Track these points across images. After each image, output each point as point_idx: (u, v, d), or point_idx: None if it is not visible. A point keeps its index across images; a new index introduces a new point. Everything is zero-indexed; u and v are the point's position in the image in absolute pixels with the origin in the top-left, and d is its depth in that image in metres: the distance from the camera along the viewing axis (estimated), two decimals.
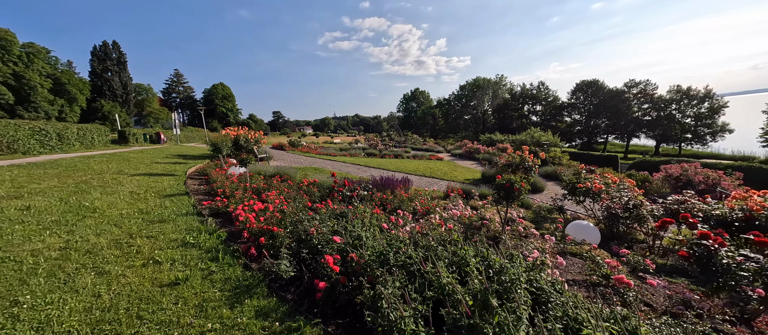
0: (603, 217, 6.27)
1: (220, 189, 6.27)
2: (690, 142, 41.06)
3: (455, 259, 2.68)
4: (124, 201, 5.39)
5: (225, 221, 4.73)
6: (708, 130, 39.32)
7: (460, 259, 2.65)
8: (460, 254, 2.73)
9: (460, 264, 2.59)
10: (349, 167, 13.88)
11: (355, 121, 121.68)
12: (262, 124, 68.61)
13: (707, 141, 39.71)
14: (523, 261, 2.48)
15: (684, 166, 9.64)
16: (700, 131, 39.98)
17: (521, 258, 2.45)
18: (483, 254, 2.62)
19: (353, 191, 6.43)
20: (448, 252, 2.77)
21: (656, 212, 5.25)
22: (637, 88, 44.11)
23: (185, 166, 10.55)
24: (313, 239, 3.30)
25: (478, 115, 55.07)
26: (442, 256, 2.71)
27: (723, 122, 38.84)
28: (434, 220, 5.38)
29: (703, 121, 39.56)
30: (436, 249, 2.78)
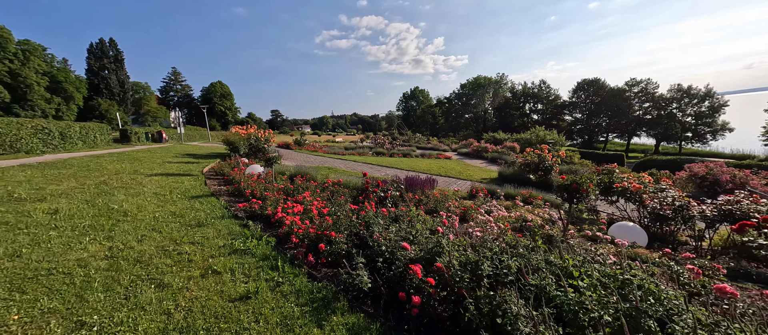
0: (647, 218, 6.10)
1: (248, 191, 6.00)
2: (690, 141, 41.38)
3: (551, 268, 2.45)
4: (151, 203, 5.10)
5: (265, 225, 4.46)
6: (708, 129, 39.65)
7: (558, 268, 2.43)
8: (555, 262, 2.51)
9: (559, 275, 2.37)
10: (364, 166, 13.62)
11: (354, 120, 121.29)
12: (261, 122, 68.03)
13: (708, 139, 40.04)
14: (638, 270, 2.26)
15: (709, 165, 9.52)
16: (700, 130, 40.29)
17: (638, 268, 2.23)
18: (579, 261, 2.40)
19: (386, 192, 6.19)
20: (541, 260, 2.54)
21: (708, 213, 5.09)
22: (638, 86, 44.32)
23: (198, 165, 10.23)
24: (381, 246, 3.06)
25: (479, 114, 55.03)
26: (538, 265, 2.48)
27: (723, 121, 39.18)
28: (475, 221, 5.17)
29: (704, 120, 39.87)
30: (527, 257, 2.55)
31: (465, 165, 16.30)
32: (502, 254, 2.68)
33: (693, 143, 41.14)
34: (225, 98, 58.71)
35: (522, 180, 11.18)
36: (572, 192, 3.69)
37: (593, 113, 46.73)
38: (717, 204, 5.18)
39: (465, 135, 46.57)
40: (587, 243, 4.53)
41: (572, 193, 3.70)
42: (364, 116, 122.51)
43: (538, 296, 2.08)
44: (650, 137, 44.84)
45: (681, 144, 41.82)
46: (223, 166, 9.06)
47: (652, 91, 43.55)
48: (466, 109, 55.69)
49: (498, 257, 2.60)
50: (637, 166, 22.02)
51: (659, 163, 23.25)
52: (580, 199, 3.77)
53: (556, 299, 1.96)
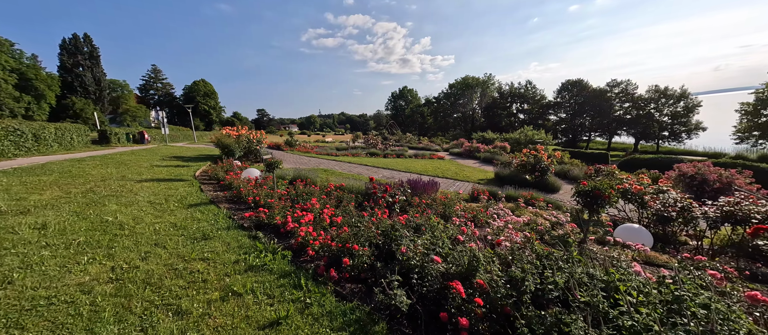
0: (647, 219, 6.22)
1: (250, 198, 5.72)
2: (666, 140, 43.30)
3: (594, 282, 2.38)
4: (148, 213, 4.76)
5: (275, 235, 4.23)
6: (684, 128, 41.57)
7: (601, 281, 2.36)
8: (597, 275, 2.44)
9: (607, 289, 2.30)
10: (359, 168, 13.42)
11: (342, 119, 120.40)
12: (247, 122, 66.37)
13: (683, 138, 41.98)
14: (689, 282, 2.22)
15: (697, 165, 9.87)
16: (676, 129, 42.20)
17: (690, 281, 2.18)
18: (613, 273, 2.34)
19: (394, 197, 6.05)
20: (582, 273, 2.46)
21: (711, 214, 5.22)
22: (618, 87, 45.95)
23: (189, 168, 9.76)
24: (410, 260, 2.91)
25: (467, 114, 55.66)
26: (581, 279, 2.41)
27: (697, 120, 41.20)
28: (492, 228, 5.10)
29: (679, 120, 41.77)
30: (569, 271, 2.47)
31: (459, 165, 16.35)
32: (538, 267, 2.59)
33: (669, 142, 43.04)
34: (209, 97, 56.88)
35: (519, 181, 11.28)
36: (594, 198, 3.67)
37: (577, 113, 48.13)
38: (719, 205, 5.32)
39: (454, 135, 47.01)
40: (596, 246, 4.54)
41: (594, 199, 3.68)
42: (352, 115, 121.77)
43: (596, 316, 2.00)
44: (630, 136, 46.59)
45: (658, 142, 43.67)
46: (217, 170, 8.67)
47: (631, 92, 45.25)
48: (454, 108, 56.23)
49: (538, 271, 2.51)
50: (621, 164, 22.70)
51: (642, 162, 24.09)
52: (601, 205, 3.76)
53: (618, 319, 1.88)
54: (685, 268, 3.65)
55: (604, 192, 3.64)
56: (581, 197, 3.82)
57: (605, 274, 2.38)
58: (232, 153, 9.37)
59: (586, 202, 3.83)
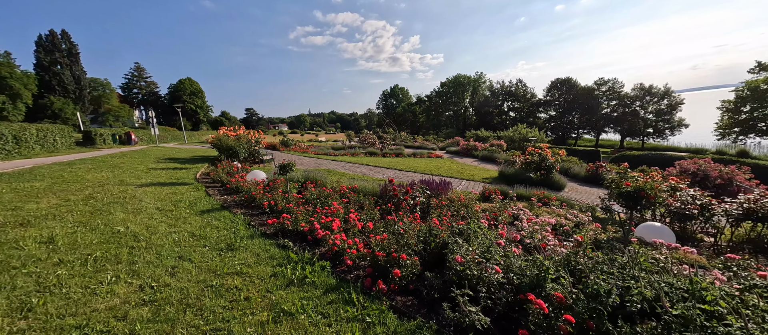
0: (665, 217, 6.26)
1: (265, 203, 5.42)
2: (651, 136, 44.71)
3: (675, 292, 2.26)
4: (160, 222, 4.42)
5: (303, 243, 3.99)
6: (667, 125, 42.95)
7: (683, 291, 2.24)
8: (676, 283, 2.33)
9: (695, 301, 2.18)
10: (363, 168, 13.19)
11: (332, 118, 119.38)
12: (235, 121, 64.86)
13: (666, 135, 43.40)
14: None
15: (698, 162, 10.10)
16: (660, 126, 43.58)
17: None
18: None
19: (415, 199, 5.87)
20: (659, 281, 2.34)
21: (733, 211, 5.27)
22: (605, 86, 47.06)
23: (187, 171, 9.31)
24: (466, 269, 2.74)
25: (459, 112, 55.97)
26: (662, 289, 2.28)
27: (680, 118, 42.67)
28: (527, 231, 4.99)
29: (663, 117, 43.14)
30: (646, 280, 2.34)
31: (460, 164, 16.32)
32: (617, 276, 2.46)
33: (654, 138, 44.45)
34: (195, 96, 55.24)
35: (524, 179, 11.28)
36: (637, 199, 3.60)
37: (566, 111, 49.10)
38: (739, 202, 5.37)
39: (448, 133, 47.16)
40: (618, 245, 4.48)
41: (637, 201, 3.61)
42: (343, 114, 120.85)
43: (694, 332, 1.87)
44: (616, 133, 47.88)
45: (643, 139, 45.02)
46: (219, 173, 8.28)
47: (618, 90, 46.41)
48: (446, 106, 56.43)
49: (617, 281, 2.37)
50: (612, 161, 23.18)
51: (632, 159, 24.72)
52: (646, 207, 3.69)
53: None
54: (729, 269, 3.61)
55: (649, 193, 3.56)
56: (623, 199, 3.74)
57: (690, 285, 2.26)
58: (236, 154, 8.97)
59: (628, 204, 3.75)
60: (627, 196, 3.64)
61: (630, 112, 45.03)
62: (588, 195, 10.21)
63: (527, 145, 29.09)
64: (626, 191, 3.68)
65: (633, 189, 3.63)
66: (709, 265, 4.07)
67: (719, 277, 3.25)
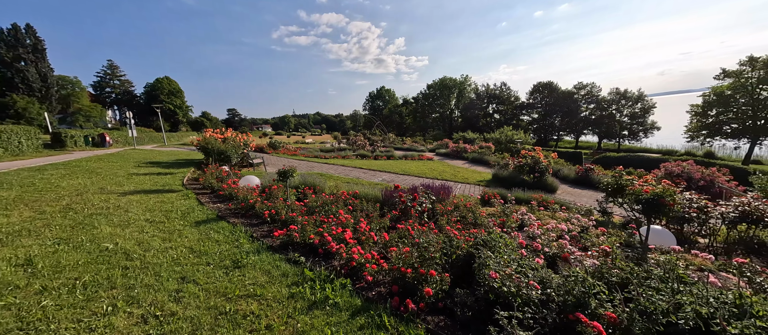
0: (667, 220, 6.40)
1: (266, 212, 5.09)
2: (626, 138, 46.87)
3: (725, 307, 2.20)
4: (153, 236, 4.03)
5: (312, 256, 3.73)
6: (641, 128, 45.18)
7: (738, 308, 2.18)
8: (721, 298, 2.27)
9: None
10: (356, 172, 12.93)
11: (317, 119, 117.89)
12: (217, 122, 62.72)
13: (640, 137, 45.65)
14: None
15: (682, 164, 10.53)
16: (634, 128, 45.78)
17: None
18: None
19: (422, 205, 5.71)
20: (707, 295, 2.28)
21: (729, 214, 5.44)
22: (584, 90, 48.96)
23: (173, 176, 8.76)
24: (502, 286, 2.59)
25: (446, 114, 56.60)
26: (720, 305, 2.21)
27: (652, 121, 45.00)
28: (542, 239, 4.93)
29: (637, 120, 45.35)
30: (697, 295, 2.27)
31: (452, 166, 16.35)
32: (667, 291, 2.37)
33: (629, 140, 46.60)
34: (174, 95, 52.98)
35: (518, 182, 11.41)
36: (657, 206, 3.60)
37: (547, 113, 50.65)
38: (735, 205, 5.55)
39: (435, 135, 47.56)
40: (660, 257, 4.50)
41: (657, 208, 3.61)
42: (328, 115, 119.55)
43: None
44: (594, 135, 49.89)
45: (619, 141, 47.11)
46: (208, 178, 7.81)
47: (595, 94, 48.38)
48: (433, 108, 56.93)
49: (668, 296, 2.28)
50: (594, 163, 23.98)
51: (613, 160, 25.72)
52: (665, 213, 3.69)
53: None
54: (743, 274, 3.64)
55: (668, 200, 3.57)
56: (643, 205, 3.74)
57: (737, 296, 2.20)
58: (228, 158, 8.48)
59: (647, 211, 3.75)
60: (647, 203, 3.63)
61: (607, 115, 47.03)
62: (580, 197, 10.42)
63: (513, 147, 29.56)
64: (646, 198, 3.67)
65: (653, 196, 3.63)
66: (715, 269, 4.13)
67: (735, 282, 3.28)
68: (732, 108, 32.72)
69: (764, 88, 31.24)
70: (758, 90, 31.44)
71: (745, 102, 31.94)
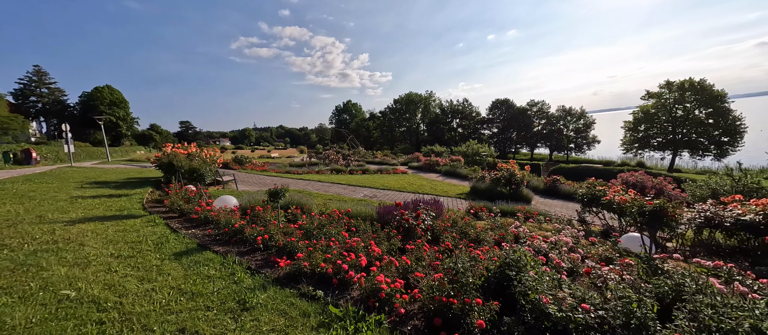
0: (641, 227, 6.92)
1: (259, 238, 4.53)
2: (573, 151, 51.81)
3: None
4: (127, 276, 3.31)
5: (327, 288, 3.32)
6: (585, 141, 50.31)
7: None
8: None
9: None
10: (336, 187, 12.44)
11: (280, 133, 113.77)
12: (168, 136, 57.46)
13: (585, 149, 50.77)
14: None
15: (635, 175, 11.70)
16: (579, 142, 50.84)
17: None
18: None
19: (425, 222, 5.52)
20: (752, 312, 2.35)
21: (697, 220, 6.02)
22: (536, 107, 53.53)
23: (129, 199, 7.61)
24: (559, 311, 2.46)
25: (412, 128, 57.97)
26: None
27: (593, 135, 50.41)
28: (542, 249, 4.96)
29: (581, 134, 50.47)
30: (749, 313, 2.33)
31: (429, 180, 16.51)
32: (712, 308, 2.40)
33: (575, 152, 51.52)
34: (117, 106, 47.65)
35: (496, 194, 11.79)
36: (659, 218, 3.81)
37: (505, 128, 54.31)
38: (700, 212, 6.17)
39: (403, 148, 48.31)
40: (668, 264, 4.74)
41: (659, 219, 3.82)
42: (292, 128, 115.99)
43: None
44: (546, 147, 54.43)
45: (567, 153, 51.87)
46: (176, 199, 6.91)
47: (545, 111, 53.09)
48: (400, 123, 58.03)
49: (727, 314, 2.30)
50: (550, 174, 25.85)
51: (567, 171, 28.01)
52: (667, 224, 3.91)
53: None
54: (731, 278, 3.92)
55: (670, 211, 3.80)
56: (643, 216, 3.94)
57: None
58: (201, 177, 7.54)
59: (650, 222, 3.96)
60: (650, 215, 3.83)
61: (556, 129, 51.73)
62: (553, 207, 11.01)
63: (479, 159, 30.86)
64: (648, 210, 3.87)
65: (655, 208, 3.84)
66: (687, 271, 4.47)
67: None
68: (656, 124, 37.88)
69: (679, 108, 36.72)
70: (675, 109, 36.87)
71: (666, 119, 37.21)
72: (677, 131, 36.13)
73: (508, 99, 54.40)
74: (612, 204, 7.41)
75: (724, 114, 33.73)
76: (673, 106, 36.69)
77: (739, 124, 33.35)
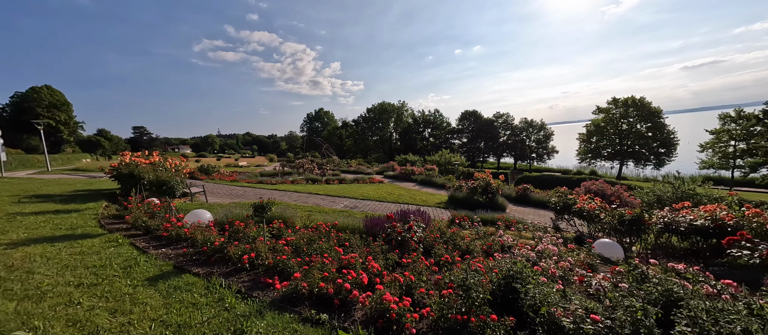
0: (599, 232, 7.39)
1: (245, 257, 4.19)
2: (535, 160, 55.34)
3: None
4: (93, 309, 2.86)
5: (327, 309, 3.13)
6: (545, 151, 54.01)
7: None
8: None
9: None
10: (314, 198, 12.06)
11: (247, 140, 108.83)
12: (119, 142, 52.49)
13: (545, 159, 54.47)
14: None
15: (596, 183, 12.71)
16: (540, 151, 54.48)
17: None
18: None
19: (417, 234, 5.48)
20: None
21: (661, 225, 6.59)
22: (502, 118, 56.63)
23: (80, 214, 6.77)
24: (562, 321, 2.51)
25: (385, 137, 58.43)
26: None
27: (552, 145, 54.34)
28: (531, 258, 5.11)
29: (542, 145, 54.14)
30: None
31: (407, 189, 16.60)
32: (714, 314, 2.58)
33: (537, 161, 55.04)
34: (57, 109, 42.76)
35: (473, 203, 12.12)
36: (639, 225, 4.11)
37: (474, 138, 56.68)
38: (660, 218, 6.77)
39: (377, 157, 48.38)
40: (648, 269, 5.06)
41: (639, 226, 4.12)
42: (260, 136, 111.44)
43: None
44: (511, 157, 57.60)
45: (530, 162, 55.25)
46: (138, 214, 6.24)
47: (510, 122, 56.31)
48: (373, 132, 58.26)
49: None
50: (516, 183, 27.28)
51: (532, 179, 29.66)
52: (644, 231, 4.23)
53: None
54: (698, 280, 4.29)
55: (647, 219, 4.12)
56: (623, 225, 4.23)
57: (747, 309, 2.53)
58: (172, 190, 6.82)
59: (630, 230, 4.26)
60: (630, 223, 4.12)
61: (520, 140, 55.03)
62: (526, 214, 11.55)
63: (451, 168, 31.70)
64: (629, 218, 4.17)
65: (634, 217, 4.15)
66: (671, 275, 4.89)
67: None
68: (606, 136, 41.76)
69: (624, 122, 40.86)
70: (621, 123, 40.95)
71: (613, 132, 41.17)
72: (623, 143, 40.06)
73: (476, 110, 56.99)
74: (582, 212, 7.93)
75: (661, 128, 38.13)
76: (619, 121, 40.74)
77: (673, 137, 37.87)
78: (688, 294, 2.84)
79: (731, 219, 5.76)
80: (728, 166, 28.58)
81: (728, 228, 5.76)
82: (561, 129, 65.74)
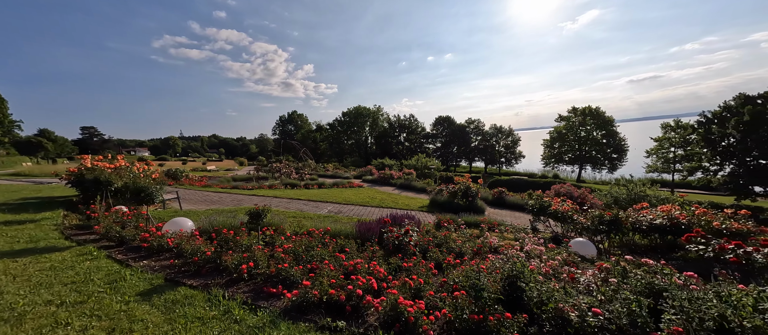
0: (571, 231, 7.97)
1: (244, 266, 4.03)
2: (504, 164, 58.18)
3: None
4: (89, 328, 2.61)
5: (339, 316, 3.12)
6: (513, 156, 56.98)
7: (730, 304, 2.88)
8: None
9: None
10: (296, 203, 11.77)
11: (214, 143, 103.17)
12: (65, 143, 47.42)
13: (513, 163, 57.46)
14: None
15: (564, 186, 13.69)
16: (509, 156, 57.40)
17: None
18: None
19: (413, 238, 5.58)
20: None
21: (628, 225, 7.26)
22: (473, 124, 58.94)
23: (38, 225, 6.11)
24: (570, 315, 2.73)
25: (361, 141, 58.32)
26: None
27: (519, 150, 57.49)
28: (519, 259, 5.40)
29: (510, 150, 57.09)
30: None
31: (388, 193, 16.72)
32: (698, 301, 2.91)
33: (506, 166, 57.88)
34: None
35: (454, 206, 12.50)
36: (618, 225, 4.52)
37: (448, 143, 58.37)
38: (626, 217, 7.46)
39: (353, 161, 48.17)
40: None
41: (617, 226, 4.53)
42: (228, 138, 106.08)
43: None
44: (482, 161, 60.07)
45: (500, 166, 57.96)
46: (109, 223, 5.77)
47: (481, 128, 58.76)
48: (349, 135, 57.95)
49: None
50: (489, 186, 28.51)
51: (503, 182, 31.07)
52: (621, 230, 4.65)
53: None
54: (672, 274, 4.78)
55: (623, 220, 4.56)
56: (604, 225, 4.64)
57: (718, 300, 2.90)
58: (150, 197, 6.29)
59: (609, 230, 4.67)
60: (610, 223, 4.54)
61: (490, 145, 57.61)
62: (504, 216, 12.12)
63: (427, 172, 32.34)
64: (608, 219, 4.59)
65: (613, 218, 4.57)
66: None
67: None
68: (566, 142, 45.03)
69: (582, 129, 44.37)
70: (579, 130, 44.40)
71: (573, 138, 44.50)
72: (582, 148, 43.42)
73: (449, 116, 58.82)
74: (557, 214, 8.51)
75: (614, 135, 41.87)
76: (578, 128, 44.12)
77: (624, 144, 41.75)
78: (668, 286, 3.20)
79: (684, 218, 6.51)
80: (670, 169, 32.08)
81: (682, 226, 6.50)
82: (526, 135, 69.92)
